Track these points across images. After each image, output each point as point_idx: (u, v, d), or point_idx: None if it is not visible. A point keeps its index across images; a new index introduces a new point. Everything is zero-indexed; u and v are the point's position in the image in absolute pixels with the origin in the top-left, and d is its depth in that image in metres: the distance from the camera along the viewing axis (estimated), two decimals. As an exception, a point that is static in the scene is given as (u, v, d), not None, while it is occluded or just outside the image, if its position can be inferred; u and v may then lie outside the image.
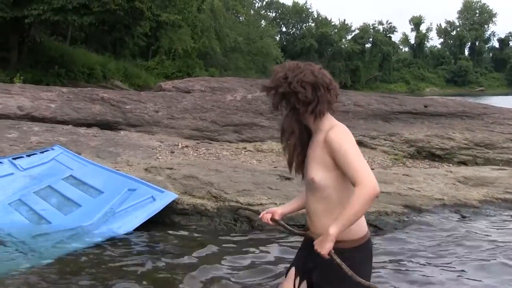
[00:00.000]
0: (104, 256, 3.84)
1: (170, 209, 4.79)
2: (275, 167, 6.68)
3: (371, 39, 74.91)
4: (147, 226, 4.44)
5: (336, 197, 2.35)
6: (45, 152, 5.95)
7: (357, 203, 2.18)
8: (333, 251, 2.23)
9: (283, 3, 74.74)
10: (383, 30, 76.26)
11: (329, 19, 74.73)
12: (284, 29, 75.45)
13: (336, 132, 2.34)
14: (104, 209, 4.63)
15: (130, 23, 25.47)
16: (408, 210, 5.34)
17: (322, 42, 69.44)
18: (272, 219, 2.69)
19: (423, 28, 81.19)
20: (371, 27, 76.29)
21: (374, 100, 10.49)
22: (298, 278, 2.53)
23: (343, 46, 72.07)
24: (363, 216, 2.35)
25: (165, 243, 4.25)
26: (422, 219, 5.14)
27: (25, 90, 9.89)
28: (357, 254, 2.37)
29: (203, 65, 43.28)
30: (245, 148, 8.44)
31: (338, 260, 2.23)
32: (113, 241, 4.16)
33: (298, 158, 2.53)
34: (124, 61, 35.89)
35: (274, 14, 75.15)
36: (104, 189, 4.96)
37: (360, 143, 9.35)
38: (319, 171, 2.37)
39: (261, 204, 4.92)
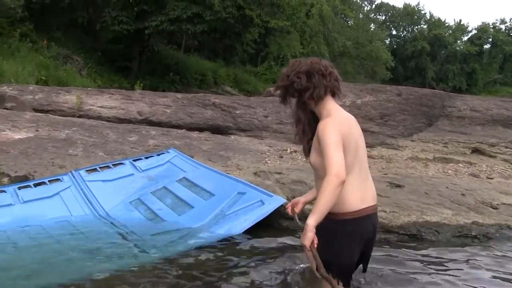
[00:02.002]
0: (214, 257, 3.94)
1: (278, 214, 4.81)
2: (385, 174, 6.48)
3: (490, 40, 69.91)
4: (255, 229, 4.50)
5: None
6: (161, 155, 6.26)
7: (325, 192, 2.47)
8: (314, 245, 2.52)
9: (393, 5, 72.57)
10: (505, 29, 70.69)
11: (443, 20, 71.07)
12: (394, 32, 73.13)
13: (324, 123, 2.64)
14: (215, 211, 4.75)
15: (240, 30, 26.17)
16: (535, 225, 4.91)
17: (435, 44, 66.12)
18: (292, 210, 3.07)
19: (556, 24, 73.47)
20: (491, 26, 71.09)
21: (493, 104, 9.83)
22: None
23: (458, 48, 68.17)
24: (353, 196, 2.67)
25: (273, 247, 4.27)
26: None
27: (144, 96, 10.52)
28: (346, 226, 2.68)
29: (311, 70, 43.17)
30: (353, 154, 8.27)
31: (314, 253, 2.53)
32: (222, 242, 4.25)
33: (309, 143, 2.83)
34: (234, 67, 36.89)
35: (384, 17, 73.13)
36: (215, 191, 5.10)
37: (477, 151, 8.84)
38: (314, 155, 2.72)
39: (370, 211, 4.78)
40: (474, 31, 70.61)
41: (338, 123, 2.66)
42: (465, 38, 70.59)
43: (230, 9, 22.94)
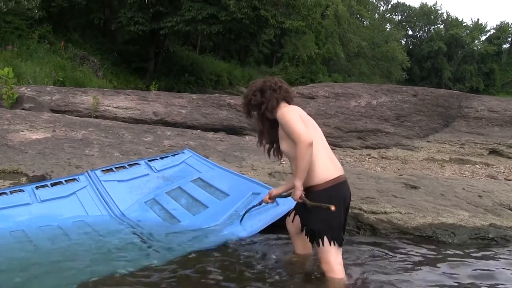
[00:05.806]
0: (228, 258, 3.94)
1: (293, 214, 4.79)
2: (400, 175, 6.43)
3: (509, 39, 68.98)
4: (270, 230, 4.49)
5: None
6: (176, 155, 6.27)
7: (299, 159, 3.03)
8: (303, 195, 3.17)
9: (409, 5, 72.19)
10: (525, 28, 69.57)
11: (460, 20, 70.32)
12: (410, 32, 72.61)
13: (280, 112, 3.24)
14: (230, 211, 4.75)
15: (255, 31, 26.19)
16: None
17: (452, 44, 65.50)
18: (270, 196, 3.81)
19: None
20: (510, 25, 70.11)
21: (512, 105, 9.71)
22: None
23: (475, 48, 67.40)
24: (327, 165, 3.20)
25: (288, 248, 4.26)
26: None
27: (160, 97, 10.59)
28: (323, 193, 3.16)
29: (326, 71, 43.11)
30: (369, 154, 8.25)
31: (304, 198, 3.17)
32: (237, 243, 4.26)
33: (273, 145, 3.49)
34: (249, 68, 37.02)
35: (400, 17, 72.65)
36: (230, 192, 5.10)
37: (494, 152, 8.74)
38: (283, 143, 3.28)
39: (385, 212, 4.76)
40: (493, 31, 69.81)
41: (293, 108, 3.28)
42: (483, 38, 69.84)
43: (245, 10, 22.99)
